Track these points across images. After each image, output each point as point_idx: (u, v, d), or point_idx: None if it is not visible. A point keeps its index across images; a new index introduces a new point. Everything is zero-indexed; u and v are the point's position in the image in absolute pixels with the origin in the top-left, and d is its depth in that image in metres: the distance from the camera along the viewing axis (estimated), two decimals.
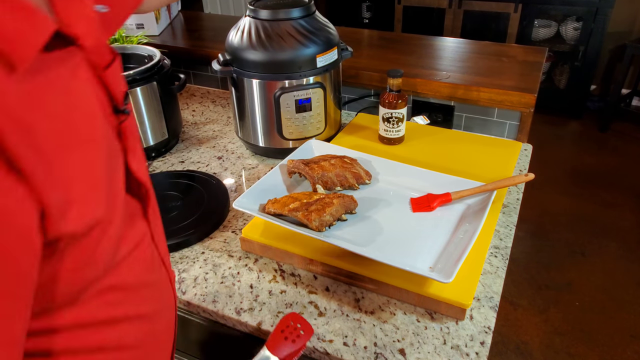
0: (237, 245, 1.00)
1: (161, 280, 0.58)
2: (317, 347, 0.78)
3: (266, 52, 1.11)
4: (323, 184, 1.01)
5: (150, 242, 0.55)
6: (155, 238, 0.56)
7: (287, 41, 1.12)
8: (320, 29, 1.16)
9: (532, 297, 2.23)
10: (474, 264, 0.85)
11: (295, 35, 1.12)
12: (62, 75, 0.39)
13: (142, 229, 0.53)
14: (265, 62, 1.12)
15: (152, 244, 0.55)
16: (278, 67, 1.13)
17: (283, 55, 1.12)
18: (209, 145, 1.39)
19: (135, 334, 0.53)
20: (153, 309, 0.55)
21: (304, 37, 1.13)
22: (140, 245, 0.52)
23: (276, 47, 1.11)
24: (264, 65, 1.13)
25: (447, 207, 0.97)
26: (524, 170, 1.22)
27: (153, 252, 0.55)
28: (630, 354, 1.95)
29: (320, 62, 1.15)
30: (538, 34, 3.63)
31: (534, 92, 1.29)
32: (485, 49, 1.61)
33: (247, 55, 1.14)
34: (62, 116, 0.39)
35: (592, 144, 3.46)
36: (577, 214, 2.75)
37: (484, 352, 0.76)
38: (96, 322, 0.47)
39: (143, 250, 0.52)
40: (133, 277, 0.51)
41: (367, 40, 1.78)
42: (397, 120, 1.20)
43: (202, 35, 1.84)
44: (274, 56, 1.11)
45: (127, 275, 0.49)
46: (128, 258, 0.49)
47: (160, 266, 0.57)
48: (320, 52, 1.14)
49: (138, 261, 0.51)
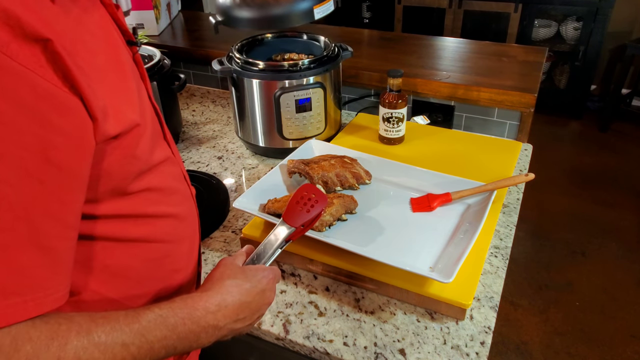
0: (237, 245, 1.00)
1: (186, 191, 0.67)
2: (317, 347, 0.78)
3: (259, 8, 1.03)
4: (323, 184, 1.01)
5: (173, 158, 0.64)
6: (176, 155, 0.67)
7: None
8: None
9: (532, 297, 2.23)
10: (474, 264, 0.85)
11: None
12: (89, 9, 0.50)
13: (164, 147, 0.62)
14: (258, 18, 1.04)
15: (174, 160, 0.65)
16: (272, 22, 1.05)
17: (277, 9, 1.03)
18: (209, 145, 1.39)
19: (167, 229, 0.62)
20: (181, 212, 0.64)
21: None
22: (168, 159, 0.62)
23: (270, 0, 1.03)
24: (258, 22, 1.05)
25: (447, 207, 0.97)
26: (524, 170, 1.22)
27: (176, 167, 0.65)
28: (630, 354, 1.95)
29: (318, 14, 1.05)
30: (538, 33, 3.62)
31: (534, 92, 1.29)
32: (486, 49, 1.61)
33: (238, 13, 1.05)
34: (94, 40, 0.49)
35: (592, 144, 3.45)
36: (577, 214, 2.75)
37: (484, 352, 0.76)
38: (135, 215, 0.56)
39: (170, 163, 0.62)
40: (165, 182, 0.60)
41: (367, 40, 1.78)
42: (397, 120, 1.20)
43: (202, 35, 1.84)
44: (267, 12, 1.03)
45: (161, 180, 0.59)
46: (160, 166, 0.59)
47: (183, 180, 0.67)
48: (317, 2, 1.04)
49: (168, 171, 0.61)
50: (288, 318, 0.83)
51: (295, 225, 0.72)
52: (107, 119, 0.46)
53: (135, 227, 0.57)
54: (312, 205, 0.74)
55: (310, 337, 0.79)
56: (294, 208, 0.74)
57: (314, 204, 0.74)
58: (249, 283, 0.61)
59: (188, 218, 0.67)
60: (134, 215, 0.56)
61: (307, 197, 0.75)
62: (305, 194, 0.75)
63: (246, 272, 0.63)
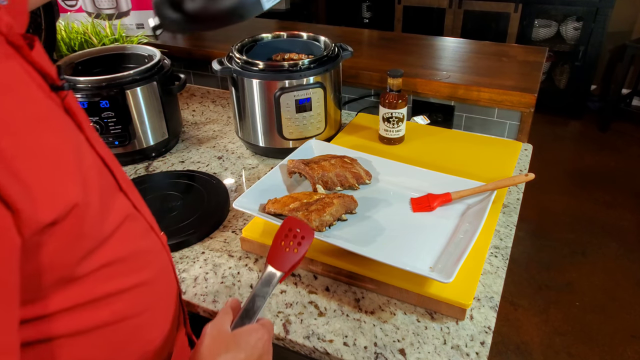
0: (237, 245, 1.00)
1: (154, 246, 0.58)
2: (317, 347, 0.78)
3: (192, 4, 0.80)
4: (323, 184, 1.01)
5: (135, 212, 0.55)
6: (138, 206, 0.56)
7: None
8: None
9: (533, 297, 2.23)
10: (474, 264, 0.85)
11: None
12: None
13: (122, 201, 0.53)
14: (194, 15, 0.81)
15: (137, 214, 0.55)
16: (213, 19, 0.82)
17: (218, 3, 0.80)
18: (209, 145, 1.39)
19: (136, 301, 0.53)
20: (150, 275, 0.56)
21: None
22: (128, 217, 0.52)
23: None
24: (195, 21, 0.82)
25: (447, 207, 0.97)
26: (524, 170, 1.22)
27: (140, 221, 0.56)
28: (630, 354, 1.95)
29: (268, 2, 0.84)
30: (538, 33, 3.62)
31: (534, 92, 1.29)
32: (486, 49, 1.61)
33: (169, 13, 0.83)
34: (4, 106, 0.38)
35: (593, 144, 3.45)
36: (577, 214, 2.75)
37: (484, 352, 0.76)
38: (95, 299, 0.48)
39: (132, 220, 0.53)
40: (126, 248, 0.51)
41: (367, 40, 1.78)
42: (397, 120, 1.20)
43: (202, 35, 1.84)
44: (206, 6, 0.81)
45: (120, 248, 0.50)
46: (118, 232, 0.49)
47: (149, 232, 0.58)
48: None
49: (129, 232, 0.52)
50: (288, 318, 0.83)
51: (285, 270, 0.65)
52: (37, 205, 0.37)
53: (96, 313, 0.48)
54: (299, 242, 0.67)
55: (310, 337, 0.79)
56: (279, 250, 0.66)
57: (301, 240, 0.67)
58: (243, 352, 0.55)
59: (160, 276, 0.58)
60: (92, 300, 0.47)
61: (292, 235, 0.67)
62: (289, 232, 0.68)
63: (238, 340, 0.56)
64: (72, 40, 1.40)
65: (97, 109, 1.16)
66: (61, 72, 0.50)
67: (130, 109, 1.20)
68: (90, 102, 1.14)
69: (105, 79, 1.16)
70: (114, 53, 1.34)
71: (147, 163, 1.30)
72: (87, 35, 1.41)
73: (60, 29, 1.39)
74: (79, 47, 1.39)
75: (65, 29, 1.41)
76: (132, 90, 1.18)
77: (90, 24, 1.45)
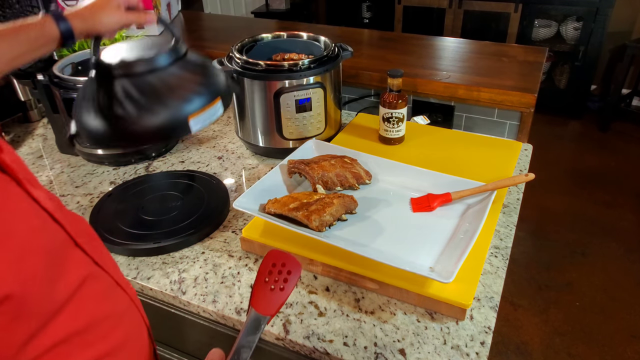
0: (237, 245, 1.00)
1: (119, 306, 0.52)
2: (317, 347, 0.78)
3: (112, 120, 0.76)
4: (323, 184, 1.01)
5: (96, 269, 0.49)
6: (100, 262, 0.50)
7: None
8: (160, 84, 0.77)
9: (533, 297, 2.23)
10: (474, 264, 0.85)
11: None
12: None
13: (80, 259, 0.47)
14: (119, 128, 0.76)
15: (99, 271, 0.50)
16: (132, 139, 0.79)
17: (139, 123, 0.75)
18: (209, 145, 1.39)
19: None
20: (116, 341, 0.50)
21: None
22: (88, 278, 0.46)
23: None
24: (113, 139, 0.79)
25: (447, 207, 0.97)
26: (524, 170, 1.22)
27: (102, 279, 0.50)
28: (630, 354, 1.95)
29: (196, 125, 0.78)
30: (538, 34, 3.62)
31: (534, 92, 1.29)
32: (486, 49, 1.61)
33: (91, 120, 0.77)
34: None
35: (593, 144, 3.45)
36: (577, 214, 2.75)
37: (484, 352, 0.76)
38: None
39: (92, 281, 0.47)
40: (85, 316, 0.45)
41: (367, 40, 1.78)
42: (397, 120, 1.20)
43: (202, 35, 1.84)
44: (125, 126, 0.75)
45: (78, 317, 0.44)
46: (74, 298, 0.43)
47: (114, 290, 0.52)
48: (194, 109, 0.77)
49: (88, 296, 0.46)
50: (288, 318, 0.83)
51: (272, 313, 0.57)
52: None
53: None
54: (285, 279, 0.59)
55: (310, 337, 0.79)
56: (264, 289, 0.58)
57: (287, 276, 0.59)
58: None
59: (129, 339, 0.52)
60: None
61: (276, 270, 0.59)
62: (273, 267, 0.59)
63: None
64: None
65: None
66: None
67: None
68: None
69: None
70: None
71: (147, 163, 1.30)
72: None
73: None
74: (79, 47, 1.39)
75: None
76: None
77: None
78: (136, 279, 0.93)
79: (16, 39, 0.69)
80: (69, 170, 1.29)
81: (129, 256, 0.98)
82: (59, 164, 1.32)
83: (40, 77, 1.19)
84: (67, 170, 1.29)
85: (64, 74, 1.20)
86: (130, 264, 0.96)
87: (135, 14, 0.81)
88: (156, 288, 0.90)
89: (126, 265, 0.96)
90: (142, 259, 0.97)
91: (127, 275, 0.93)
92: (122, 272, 0.93)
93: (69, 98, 1.14)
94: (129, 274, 0.94)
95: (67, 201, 1.16)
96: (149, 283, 0.91)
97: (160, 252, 0.98)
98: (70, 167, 1.30)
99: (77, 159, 1.34)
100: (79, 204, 1.14)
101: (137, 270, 0.94)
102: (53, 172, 1.28)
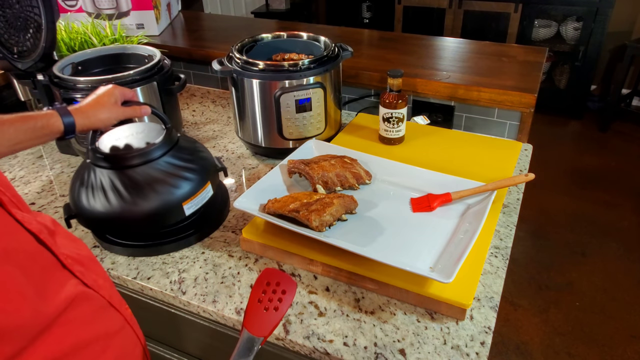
0: (237, 245, 1.00)
1: (112, 326, 0.51)
2: (317, 347, 0.78)
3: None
4: (323, 184, 1.01)
5: (86, 291, 0.48)
6: (89, 282, 0.49)
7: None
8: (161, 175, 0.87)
9: (533, 297, 2.23)
10: (474, 264, 0.85)
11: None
12: None
13: (66, 280, 0.46)
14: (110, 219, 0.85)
15: (89, 292, 0.49)
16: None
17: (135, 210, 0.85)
18: (209, 145, 1.39)
19: None
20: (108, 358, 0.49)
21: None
22: (75, 299, 0.45)
23: None
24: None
25: (447, 207, 0.97)
26: (524, 170, 1.22)
27: (93, 300, 0.49)
28: (630, 354, 1.95)
29: (189, 209, 0.90)
30: (538, 34, 3.62)
31: (534, 92, 1.29)
32: (486, 49, 1.61)
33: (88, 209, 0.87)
34: None
35: (593, 144, 3.45)
36: (577, 214, 2.75)
37: (484, 352, 0.76)
38: None
39: (80, 302, 0.46)
40: (72, 338, 0.44)
41: (367, 40, 1.78)
42: (397, 120, 1.20)
43: (202, 35, 1.84)
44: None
45: (63, 339, 0.43)
46: (59, 320, 0.42)
47: (106, 311, 0.51)
48: (185, 198, 0.88)
49: (75, 318, 0.45)
50: (288, 318, 0.83)
51: (265, 334, 0.56)
52: None
53: None
54: (280, 298, 0.57)
55: (310, 337, 0.79)
56: (257, 310, 0.56)
57: (281, 296, 0.57)
58: None
59: (122, 357, 0.52)
60: None
61: (270, 289, 0.57)
62: (268, 286, 0.57)
63: None
64: (72, 40, 1.40)
65: None
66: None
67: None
68: None
69: (105, 79, 1.16)
70: (114, 53, 1.34)
71: None
72: (87, 36, 1.41)
73: (60, 29, 1.39)
74: (79, 47, 1.39)
75: (66, 29, 1.41)
76: (132, 90, 1.18)
77: (91, 24, 1.45)
78: (136, 279, 0.93)
79: (23, 126, 0.74)
80: (69, 170, 1.29)
81: (129, 256, 0.98)
82: (59, 164, 1.32)
83: (40, 77, 1.19)
84: (67, 170, 1.29)
85: (64, 74, 1.20)
86: (130, 264, 0.96)
87: (131, 109, 0.89)
88: (156, 288, 0.90)
89: (126, 265, 0.96)
90: (142, 259, 0.97)
91: (127, 275, 0.93)
92: (122, 272, 0.94)
93: (69, 98, 1.14)
94: (129, 274, 0.94)
95: (67, 201, 1.16)
96: (149, 283, 0.91)
97: (160, 252, 0.98)
98: (70, 167, 1.30)
99: (77, 159, 1.34)
100: None
101: (137, 270, 0.94)
102: (53, 172, 1.28)
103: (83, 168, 0.91)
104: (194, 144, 0.96)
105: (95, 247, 1.01)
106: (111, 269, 0.95)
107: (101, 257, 0.98)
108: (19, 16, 1.10)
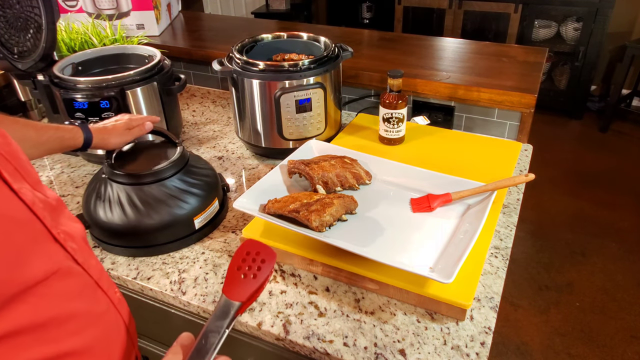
0: (237, 245, 1.00)
1: (98, 306, 0.51)
2: (317, 347, 0.78)
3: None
4: (323, 184, 1.01)
5: (74, 267, 0.49)
6: (80, 260, 0.50)
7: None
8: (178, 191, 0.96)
9: (533, 297, 2.23)
10: (474, 264, 0.85)
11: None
12: None
13: (54, 253, 0.47)
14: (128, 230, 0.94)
15: (77, 269, 0.49)
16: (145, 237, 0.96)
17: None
18: (209, 145, 1.39)
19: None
20: (90, 339, 0.49)
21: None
22: (57, 273, 0.46)
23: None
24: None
25: (447, 207, 0.97)
26: (524, 170, 1.22)
27: (81, 278, 0.49)
28: (630, 354, 1.95)
29: (199, 223, 0.99)
30: (538, 34, 3.62)
31: (534, 93, 1.29)
32: (486, 49, 1.61)
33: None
34: None
35: (593, 144, 3.45)
36: (577, 214, 2.75)
37: (484, 353, 0.76)
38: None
39: (62, 278, 0.46)
40: (49, 310, 0.44)
41: (367, 41, 1.78)
42: (397, 120, 1.20)
43: (202, 36, 1.84)
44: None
45: (40, 310, 0.43)
46: (36, 290, 0.42)
47: (94, 290, 0.51)
48: (196, 213, 0.97)
49: (56, 291, 0.45)
50: (288, 318, 0.83)
51: (242, 300, 0.58)
52: None
53: None
54: (259, 267, 0.59)
55: (310, 337, 0.79)
56: (235, 277, 0.59)
57: (260, 264, 0.59)
58: None
59: (103, 342, 0.51)
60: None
61: (250, 258, 0.60)
62: (247, 255, 0.60)
63: None
64: (72, 40, 1.40)
65: (98, 110, 1.16)
66: None
67: (131, 109, 1.20)
68: (90, 102, 1.15)
69: (105, 80, 1.16)
70: (114, 53, 1.34)
71: None
72: (88, 36, 1.41)
73: (60, 30, 1.39)
74: (79, 48, 1.39)
75: (66, 29, 1.41)
76: (132, 90, 1.18)
77: (91, 24, 1.45)
78: (136, 279, 0.93)
79: (55, 134, 0.90)
80: (69, 170, 1.29)
81: (129, 256, 0.98)
82: (59, 164, 1.32)
83: (41, 77, 1.19)
84: (67, 170, 1.29)
85: (64, 74, 1.20)
86: (130, 264, 0.96)
87: (138, 129, 1.02)
88: (156, 288, 0.90)
89: (126, 265, 0.96)
90: (142, 259, 0.97)
91: (127, 275, 0.93)
92: (122, 272, 0.94)
93: (69, 98, 1.14)
94: (129, 274, 0.94)
95: (67, 201, 1.16)
96: (149, 283, 0.91)
97: (160, 252, 0.98)
98: (70, 167, 1.30)
99: (77, 159, 1.34)
100: (79, 204, 1.14)
101: (137, 271, 0.94)
102: (53, 172, 1.28)
103: (98, 182, 0.98)
104: (204, 164, 1.08)
105: (95, 247, 1.01)
106: (111, 269, 0.95)
107: (101, 257, 0.98)
108: (19, 16, 1.10)
